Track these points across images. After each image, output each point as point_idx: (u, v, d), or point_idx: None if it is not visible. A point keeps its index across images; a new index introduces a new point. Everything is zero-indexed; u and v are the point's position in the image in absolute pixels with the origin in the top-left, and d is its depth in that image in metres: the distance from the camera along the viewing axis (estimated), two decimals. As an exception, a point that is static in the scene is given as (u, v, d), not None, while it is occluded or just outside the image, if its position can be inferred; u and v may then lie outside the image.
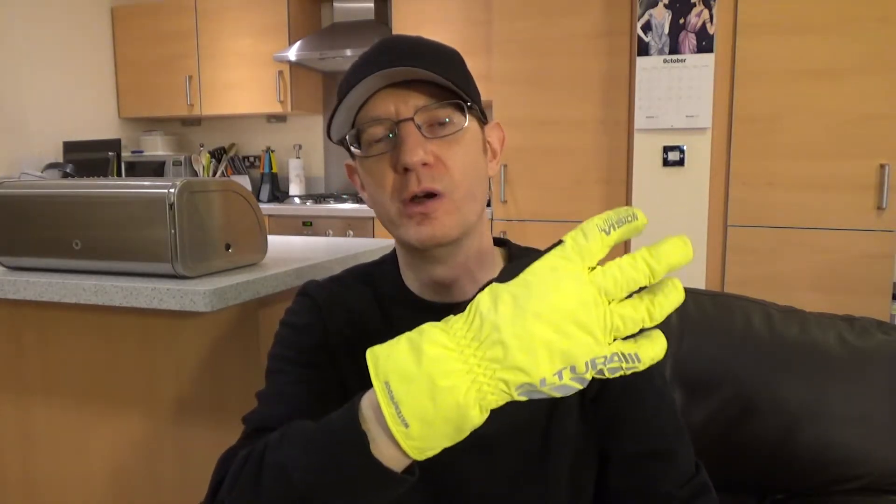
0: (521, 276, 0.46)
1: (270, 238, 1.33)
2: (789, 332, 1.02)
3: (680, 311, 1.08)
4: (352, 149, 0.69)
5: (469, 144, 0.68)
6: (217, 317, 1.16)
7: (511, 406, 0.60)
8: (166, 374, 1.22)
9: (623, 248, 2.43)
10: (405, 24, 3.27)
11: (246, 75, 3.70)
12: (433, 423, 0.45)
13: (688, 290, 1.11)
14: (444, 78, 0.64)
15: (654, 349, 0.46)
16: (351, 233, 3.30)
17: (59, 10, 3.65)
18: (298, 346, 0.74)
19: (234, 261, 1.16)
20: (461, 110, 0.67)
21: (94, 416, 1.29)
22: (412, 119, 0.65)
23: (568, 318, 0.43)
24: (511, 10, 2.79)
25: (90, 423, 1.30)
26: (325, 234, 3.34)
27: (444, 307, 0.55)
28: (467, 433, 0.47)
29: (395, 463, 0.49)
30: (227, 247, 1.14)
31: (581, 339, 0.44)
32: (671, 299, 0.45)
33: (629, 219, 0.45)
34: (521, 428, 0.71)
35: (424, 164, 0.64)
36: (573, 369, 0.44)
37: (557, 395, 0.45)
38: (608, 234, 0.44)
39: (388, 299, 0.76)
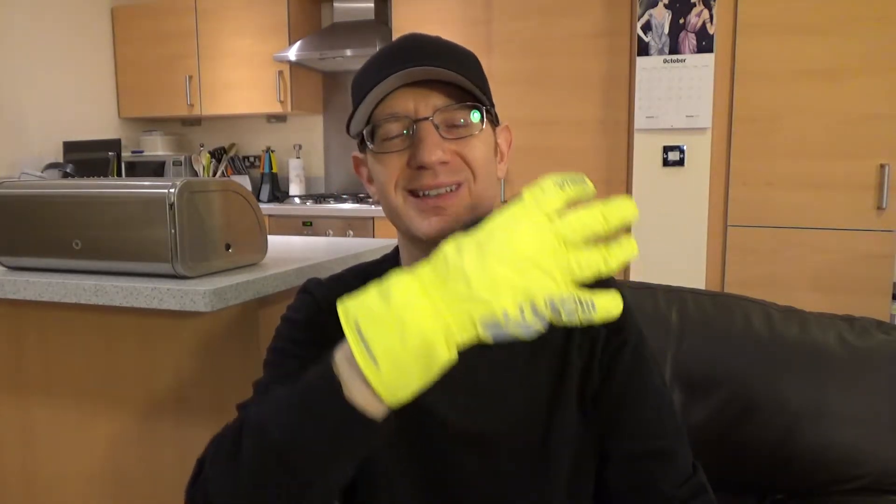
0: (484, 224, 0.49)
1: (270, 238, 1.33)
2: (789, 332, 1.03)
3: (680, 311, 1.08)
4: (367, 142, 0.69)
5: (484, 144, 0.69)
6: (217, 317, 1.16)
7: (511, 404, 0.60)
8: (166, 374, 1.22)
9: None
10: (405, 24, 3.27)
11: (246, 75, 3.70)
12: (402, 360, 0.47)
13: (688, 291, 1.11)
14: (465, 79, 0.64)
15: (609, 302, 0.48)
16: (351, 233, 3.30)
17: (59, 10, 3.65)
18: (296, 340, 0.74)
19: (234, 261, 1.16)
20: (478, 113, 0.68)
21: (94, 416, 1.29)
22: (431, 118, 0.65)
23: (528, 260, 0.47)
24: (511, 10, 2.79)
25: (90, 423, 1.30)
26: (325, 234, 3.34)
27: None
28: (436, 372, 0.48)
29: (370, 407, 0.50)
30: (227, 247, 1.14)
31: (540, 277, 0.47)
32: (626, 251, 0.48)
33: (580, 181, 0.49)
34: (521, 427, 0.71)
35: (442, 164, 0.65)
36: (533, 306, 0.47)
37: (521, 334, 0.48)
38: (563, 188, 0.48)
39: None
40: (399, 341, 0.46)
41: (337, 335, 0.74)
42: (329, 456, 0.52)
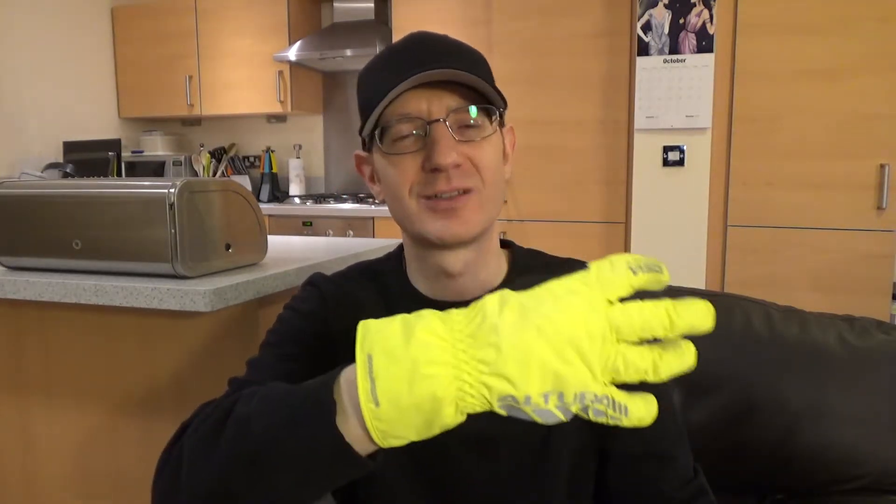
0: (536, 288, 0.44)
1: (270, 238, 1.33)
2: (789, 332, 1.02)
3: (680, 311, 1.07)
4: (376, 143, 0.68)
5: (495, 147, 0.69)
6: (217, 317, 1.16)
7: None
8: (166, 374, 1.22)
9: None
10: (405, 24, 3.27)
11: (246, 75, 3.70)
12: (405, 408, 0.43)
13: (688, 291, 1.11)
14: (480, 79, 0.64)
15: (643, 410, 0.44)
16: (351, 233, 3.30)
17: (59, 10, 3.65)
18: (298, 328, 0.74)
19: (234, 261, 1.16)
20: (490, 115, 0.68)
21: (94, 416, 1.29)
22: (444, 120, 0.65)
23: (570, 343, 0.41)
24: (511, 10, 2.79)
25: (90, 423, 1.30)
26: (325, 234, 3.34)
27: (448, 305, 0.55)
28: (437, 431, 0.45)
29: (358, 443, 0.47)
30: (227, 247, 1.14)
31: (578, 368, 0.41)
32: (682, 360, 0.43)
33: (656, 268, 0.43)
34: (522, 429, 0.71)
35: (456, 166, 0.65)
36: (560, 396, 0.42)
37: (538, 419, 0.43)
38: (635, 273, 0.43)
39: (393, 296, 0.76)
40: (407, 389, 0.43)
41: (338, 331, 0.74)
42: (303, 473, 0.49)
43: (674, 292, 1.11)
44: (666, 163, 2.57)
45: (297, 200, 3.71)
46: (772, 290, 2.49)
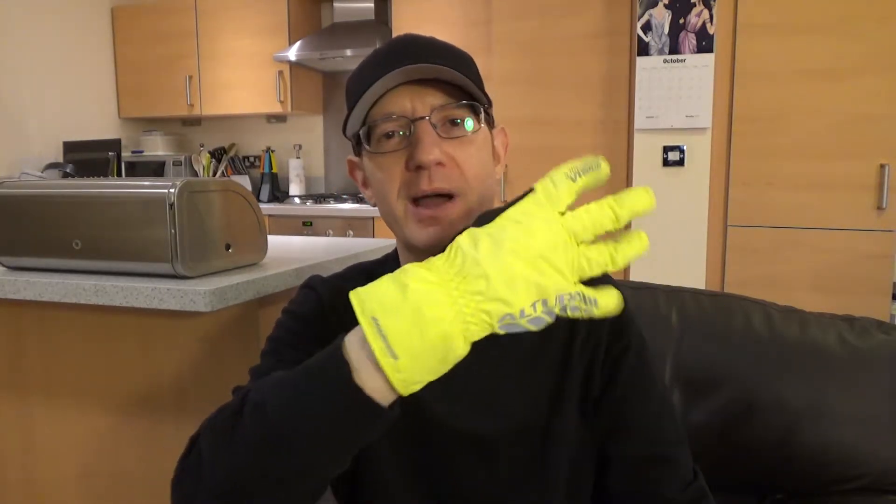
0: (497, 219, 0.49)
1: (270, 238, 1.33)
2: (789, 332, 1.03)
3: (680, 311, 1.08)
4: (363, 144, 0.68)
5: (481, 147, 0.68)
6: (217, 317, 1.16)
7: (511, 407, 0.60)
8: (166, 374, 1.22)
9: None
10: (405, 24, 3.27)
11: (246, 75, 3.70)
12: (420, 353, 0.47)
13: (688, 291, 1.11)
14: (467, 79, 0.64)
15: (610, 300, 0.50)
16: (351, 233, 3.30)
17: (59, 10, 3.65)
18: (298, 332, 0.74)
19: (234, 261, 1.16)
20: (475, 112, 0.67)
21: (94, 416, 1.29)
22: (428, 118, 0.64)
23: (541, 257, 0.47)
24: (511, 10, 2.79)
25: (90, 423, 1.30)
26: (325, 234, 3.34)
27: None
28: (451, 365, 0.49)
29: (379, 395, 0.49)
30: (227, 247, 1.14)
31: (552, 275, 0.48)
32: (634, 247, 0.49)
33: (594, 167, 0.49)
34: (521, 430, 0.71)
35: (438, 164, 0.64)
36: (545, 302, 0.48)
37: (532, 327, 0.48)
38: (574, 181, 0.49)
39: None
40: (419, 335, 0.46)
41: (336, 333, 0.74)
42: (330, 439, 0.51)
43: (674, 292, 1.12)
44: (666, 163, 2.57)
45: (297, 200, 3.71)
46: (772, 290, 2.48)
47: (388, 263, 0.79)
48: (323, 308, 0.75)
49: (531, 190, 0.50)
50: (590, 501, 0.75)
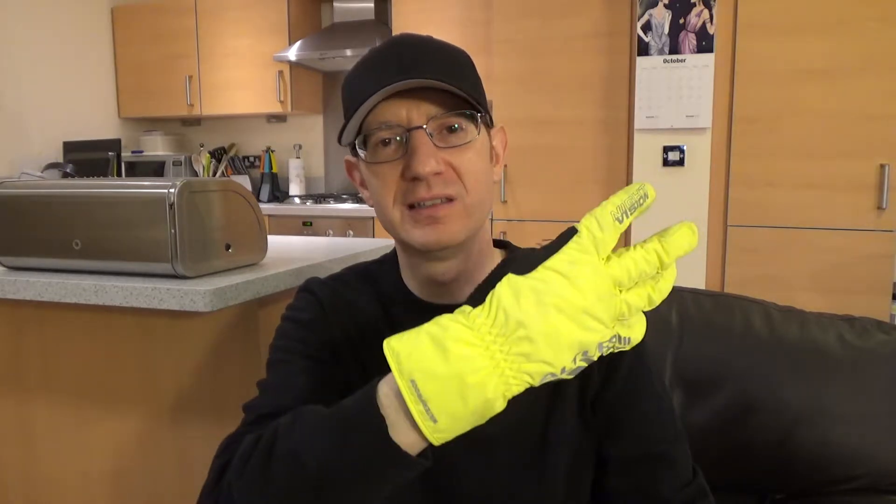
0: (541, 269, 0.47)
1: (270, 238, 1.33)
2: (789, 332, 1.03)
3: (680, 311, 1.08)
4: (358, 152, 0.68)
5: (479, 152, 0.68)
6: (217, 317, 1.16)
7: (510, 406, 0.60)
8: (166, 374, 1.22)
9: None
10: (405, 24, 3.27)
11: (246, 75, 3.70)
12: (462, 417, 0.47)
13: (688, 290, 1.11)
14: (459, 89, 0.63)
15: (640, 333, 0.50)
16: (351, 233, 3.30)
17: (59, 10, 3.65)
18: (303, 339, 0.74)
19: (234, 261, 1.16)
20: (472, 118, 0.67)
21: (94, 416, 1.29)
22: (424, 127, 0.64)
23: (586, 312, 0.46)
24: (511, 10, 2.79)
25: (90, 423, 1.30)
26: (325, 234, 3.34)
27: (442, 308, 0.55)
28: (486, 420, 0.48)
29: (412, 448, 0.50)
30: (227, 247, 1.14)
31: (596, 328, 0.46)
32: (669, 284, 0.49)
33: (641, 201, 0.47)
34: (520, 428, 0.71)
35: (436, 174, 0.64)
36: (585, 353, 0.47)
37: (569, 377, 0.48)
38: (622, 221, 0.47)
39: (388, 299, 0.76)
40: (462, 404, 0.46)
41: (339, 335, 0.74)
42: (368, 490, 0.52)
43: (674, 292, 1.11)
44: (666, 163, 2.57)
45: (297, 200, 3.71)
46: (772, 290, 2.48)
47: (387, 264, 0.79)
48: (324, 311, 0.75)
49: (573, 230, 0.48)
50: (588, 501, 0.75)
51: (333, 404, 0.54)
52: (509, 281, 0.47)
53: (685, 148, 2.55)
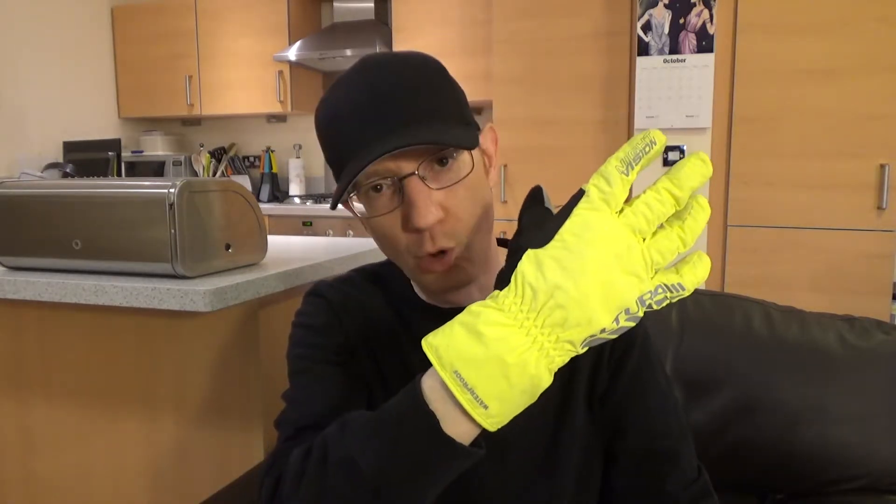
0: (558, 237, 0.47)
1: (270, 238, 1.33)
2: (789, 332, 1.03)
3: (680, 311, 1.08)
4: (354, 207, 0.67)
5: (473, 180, 0.65)
6: (217, 317, 1.16)
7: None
8: (166, 374, 1.22)
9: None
10: (405, 24, 3.27)
11: (246, 75, 3.70)
12: (510, 398, 0.47)
13: (688, 290, 1.11)
14: (443, 141, 0.60)
15: (696, 274, 0.48)
16: (351, 233, 3.30)
17: (59, 10, 3.65)
18: (320, 345, 0.73)
19: (234, 261, 1.16)
20: (462, 155, 0.64)
21: (94, 416, 1.29)
22: (416, 173, 0.61)
23: (613, 268, 0.45)
24: (511, 10, 2.79)
25: (90, 423, 1.30)
26: (325, 234, 3.34)
27: (452, 311, 0.55)
28: (538, 395, 0.48)
29: (465, 437, 0.50)
30: (227, 247, 1.14)
31: (628, 283, 0.46)
32: (699, 220, 0.47)
33: (647, 149, 0.46)
34: (531, 425, 0.71)
35: (438, 221, 0.62)
36: (627, 311, 0.46)
37: (615, 336, 0.47)
38: (628, 174, 0.46)
39: (399, 301, 0.76)
40: (507, 384, 0.46)
41: (354, 337, 0.74)
42: (426, 485, 0.52)
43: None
44: (666, 163, 2.57)
45: (297, 200, 3.71)
46: (772, 290, 2.48)
47: (393, 266, 0.79)
48: (335, 313, 0.75)
49: (581, 192, 0.48)
50: (597, 498, 0.75)
51: (362, 403, 0.54)
52: (529, 256, 0.47)
53: (685, 148, 2.55)
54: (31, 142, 3.52)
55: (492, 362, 0.46)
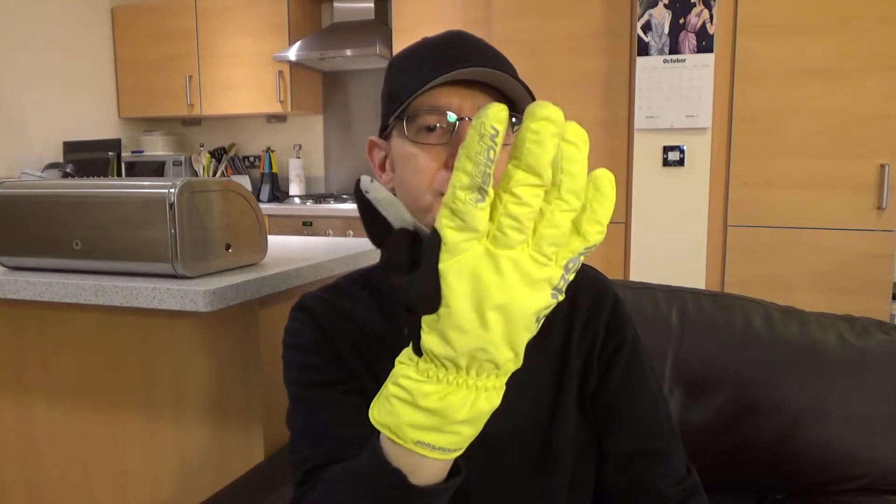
0: (444, 304, 0.42)
1: (270, 238, 1.33)
2: (789, 332, 1.03)
3: (680, 311, 1.08)
4: (402, 129, 0.66)
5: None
6: (217, 317, 1.16)
7: (514, 405, 0.60)
8: (166, 374, 1.22)
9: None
10: (405, 24, 3.27)
11: (246, 75, 3.70)
12: (473, 435, 0.47)
13: (688, 290, 1.11)
14: (523, 89, 0.64)
15: (598, 219, 0.41)
16: (351, 233, 3.30)
17: (59, 10, 3.65)
18: (313, 366, 0.72)
19: (234, 261, 1.16)
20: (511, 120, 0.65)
21: (94, 416, 1.29)
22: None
23: (512, 297, 0.41)
24: (511, 10, 2.79)
25: (90, 423, 1.30)
26: (325, 234, 3.34)
27: None
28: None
29: (440, 474, 0.51)
30: (227, 247, 1.14)
31: (533, 296, 0.41)
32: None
33: (492, 151, 0.37)
34: (524, 426, 0.72)
35: None
36: (536, 316, 0.42)
37: (548, 311, 0.44)
38: (484, 199, 0.39)
39: (389, 302, 0.76)
40: (471, 430, 0.47)
41: (342, 348, 0.73)
42: None
43: (674, 292, 1.12)
44: (666, 163, 2.57)
45: (297, 200, 3.71)
46: (772, 290, 2.48)
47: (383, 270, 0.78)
48: (321, 327, 0.73)
49: (437, 238, 0.41)
50: (591, 497, 0.75)
51: (364, 422, 0.54)
52: (428, 332, 0.44)
53: (685, 148, 2.55)
54: (31, 142, 3.52)
55: (450, 426, 0.46)
